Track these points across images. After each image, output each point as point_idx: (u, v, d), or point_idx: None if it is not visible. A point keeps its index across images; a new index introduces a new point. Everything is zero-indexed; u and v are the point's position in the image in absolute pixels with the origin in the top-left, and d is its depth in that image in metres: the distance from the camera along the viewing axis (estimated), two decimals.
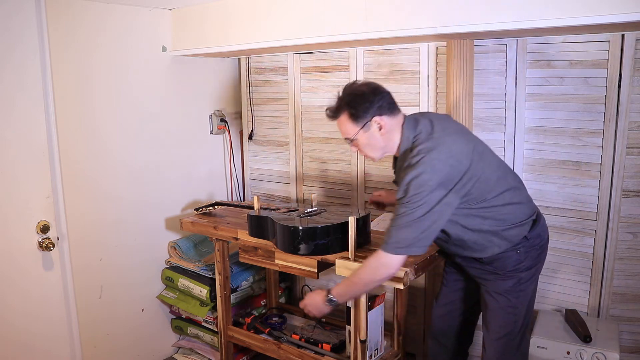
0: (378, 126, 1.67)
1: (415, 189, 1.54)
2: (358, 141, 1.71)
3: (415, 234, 1.57)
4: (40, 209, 2.03)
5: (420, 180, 1.54)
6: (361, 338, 1.99)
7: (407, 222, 1.56)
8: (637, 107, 1.99)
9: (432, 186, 1.54)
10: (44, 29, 2.02)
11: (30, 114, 1.99)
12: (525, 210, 1.74)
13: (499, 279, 1.75)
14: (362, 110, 1.66)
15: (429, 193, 1.54)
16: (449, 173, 1.56)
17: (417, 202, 1.54)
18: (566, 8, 1.67)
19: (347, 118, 1.69)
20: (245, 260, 2.32)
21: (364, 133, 1.68)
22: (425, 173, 1.54)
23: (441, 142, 1.60)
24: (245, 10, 2.41)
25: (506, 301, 1.75)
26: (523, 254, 1.72)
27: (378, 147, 1.72)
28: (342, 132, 1.74)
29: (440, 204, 1.56)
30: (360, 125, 1.67)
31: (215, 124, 3.00)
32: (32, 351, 2.08)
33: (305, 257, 2.04)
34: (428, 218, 1.56)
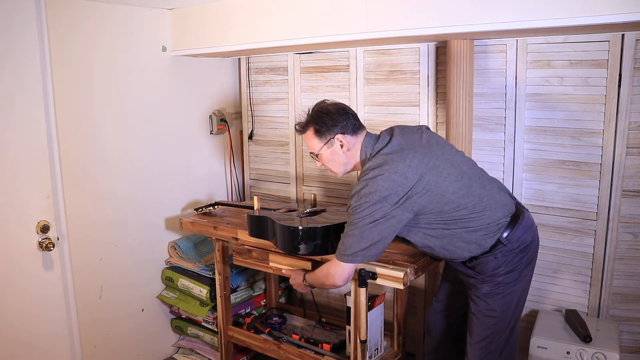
0: (340, 144, 1.79)
1: (357, 201, 1.65)
2: (322, 156, 1.83)
3: (361, 244, 1.66)
4: (40, 209, 2.03)
5: (362, 194, 1.64)
6: (361, 338, 1.99)
7: (352, 233, 1.66)
8: (637, 107, 1.99)
9: (374, 199, 1.62)
10: (44, 29, 2.02)
11: (30, 114, 1.99)
12: (494, 215, 1.72)
13: (478, 283, 1.77)
14: (326, 127, 1.78)
15: (370, 206, 1.62)
16: (391, 188, 1.62)
17: (359, 213, 1.64)
18: (566, 8, 1.67)
19: (312, 134, 1.81)
20: (238, 263, 2.32)
21: (327, 149, 1.81)
22: (366, 187, 1.64)
23: (389, 160, 1.67)
24: (245, 10, 2.41)
25: (485, 305, 1.76)
26: (501, 259, 1.72)
27: (340, 163, 1.83)
28: (308, 147, 1.86)
29: (385, 218, 1.63)
30: (324, 141, 1.80)
31: (215, 124, 3.00)
32: (32, 351, 2.08)
33: (299, 259, 2.05)
34: (373, 231, 1.64)
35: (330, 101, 1.86)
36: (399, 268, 1.77)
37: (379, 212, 1.62)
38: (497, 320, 1.76)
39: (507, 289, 1.75)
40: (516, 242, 1.73)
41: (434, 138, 1.80)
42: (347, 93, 2.66)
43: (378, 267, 1.80)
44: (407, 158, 1.66)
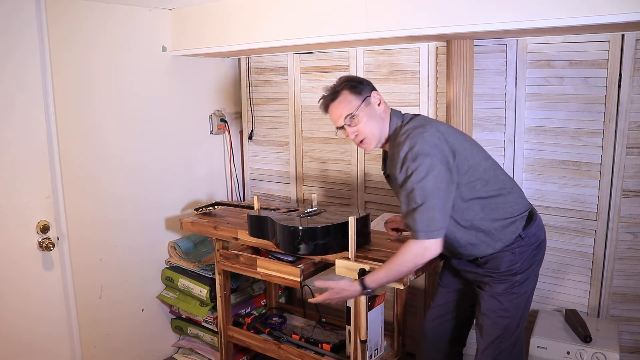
0: (377, 100, 1.71)
1: (413, 159, 1.55)
2: (359, 118, 1.68)
3: (437, 210, 1.54)
4: (40, 209, 2.03)
5: (415, 151, 1.55)
6: (361, 338, 1.99)
7: (426, 199, 1.53)
8: (637, 107, 1.99)
9: (428, 153, 1.54)
10: (44, 29, 2.02)
11: (30, 114, 1.99)
12: (517, 205, 1.73)
13: (493, 282, 1.75)
14: (361, 85, 1.71)
15: (428, 159, 1.53)
16: (439, 145, 1.56)
17: (419, 173, 1.53)
18: (566, 8, 1.67)
19: (348, 93, 1.70)
20: (227, 269, 2.33)
21: (365, 107, 1.68)
22: (417, 144, 1.56)
23: (427, 122, 1.65)
24: (245, 10, 2.41)
25: (498, 304, 1.74)
26: (518, 254, 1.71)
27: (377, 127, 1.70)
28: (342, 113, 1.70)
29: (443, 177, 1.54)
30: (362, 97, 1.69)
31: (215, 124, 3.00)
32: (32, 351, 2.08)
33: (287, 265, 2.05)
34: (439, 192, 1.54)
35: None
36: None
37: (436, 168, 1.53)
38: (510, 321, 1.75)
39: (521, 289, 1.74)
40: (532, 237, 1.73)
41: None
42: None
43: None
44: (442, 124, 1.66)
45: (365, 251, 1.96)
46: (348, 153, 2.73)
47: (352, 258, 1.87)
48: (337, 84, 1.74)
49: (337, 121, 1.73)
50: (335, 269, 1.90)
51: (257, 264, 2.14)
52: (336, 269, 1.90)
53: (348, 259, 1.87)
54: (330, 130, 2.76)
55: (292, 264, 2.06)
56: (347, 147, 2.72)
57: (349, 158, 2.73)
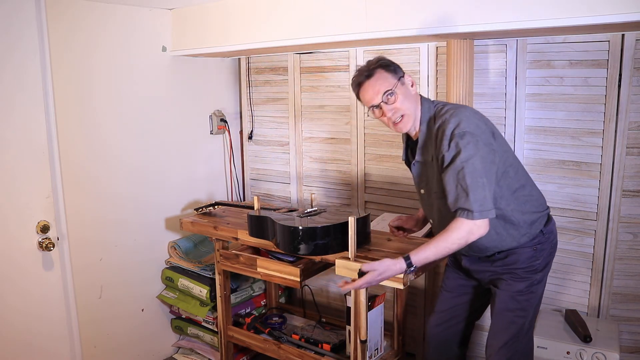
0: (410, 82, 1.71)
1: (461, 136, 1.53)
2: (397, 95, 1.65)
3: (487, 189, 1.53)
4: (40, 209, 2.03)
5: (462, 129, 1.54)
6: (361, 338, 1.99)
7: (477, 178, 1.52)
8: (637, 107, 1.99)
9: (474, 132, 1.54)
10: (44, 29, 2.02)
11: (30, 114, 1.98)
12: (541, 200, 1.76)
13: (512, 279, 1.72)
14: (394, 64, 1.70)
15: (475, 138, 1.53)
16: (481, 126, 1.58)
17: (469, 150, 1.52)
18: (566, 8, 1.67)
19: (383, 72, 1.67)
20: (227, 269, 2.33)
21: (401, 86, 1.67)
22: (463, 122, 1.55)
23: (463, 106, 1.66)
24: (246, 10, 2.41)
25: (517, 304, 1.72)
26: (539, 251, 1.71)
27: (413, 105, 1.69)
28: (379, 90, 1.65)
29: (489, 157, 1.55)
30: (397, 77, 1.67)
31: (215, 124, 3.00)
32: (32, 351, 2.08)
33: (287, 265, 2.05)
34: (487, 168, 1.54)
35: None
36: None
37: (482, 145, 1.54)
38: (525, 320, 1.74)
39: (539, 288, 1.74)
40: (551, 234, 1.75)
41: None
42: (347, 93, 2.66)
43: None
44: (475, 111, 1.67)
45: (365, 251, 1.96)
46: (348, 153, 2.73)
47: (352, 258, 1.87)
48: (371, 63, 1.70)
49: (373, 99, 1.67)
50: (336, 269, 1.90)
51: (257, 264, 2.14)
52: (336, 269, 1.90)
53: (348, 259, 1.87)
54: (330, 130, 2.76)
55: (292, 264, 2.06)
56: (347, 147, 2.72)
57: (349, 158, 2.73)
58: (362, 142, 2.66)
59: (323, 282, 2.91)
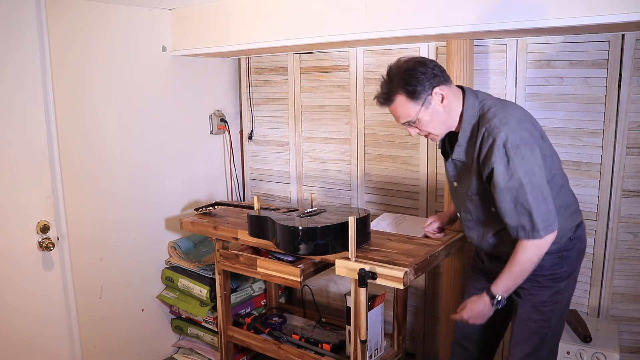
0: (440, 97, 1.55)
1: (515, 150, 1.43)
2: (420, 121, 1.57)
3: (549, 202, 1.47)
4: (40, 209, 2.03)
5: (517, 139, 1.44)
6: (361, 338, 1.99)
7: (542, 195, 1.45)
8: (637, 107, 1.99)
9: (528, 142, 1.45)
10: (44, 29, 2.02)
11: (30, 114, 1.99)
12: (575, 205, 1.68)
13: (535, 288, 1.63)
14: (419, 84, 1.52)
15: (529, 150, 1.45)
16: (533, 132, 1.50)
17: (525, 163, 1.44)
18: (566, 8, 1.67)
19: (404, 99, 1.54)
20: (227, 269, 2.32)
21: (425, 110, 1.55)
22: (516, 131, 1.45)
23: (510, 104, 1.57)
24: (246, 10, 2.41)
25: (540, 315, 1.64)
26: (564, 258, 1.63)
27: (441, 122, 1.58)
28: (399, 117, 1.59)
29: (542, 163, 1.48)
30: (421, 102, 1.53)
31: (215, 124, 3.00)
32: (32, 351, 2.08)
33: (287, 265, 2.05)
34: (545, 183, 1.47)
35: (404, 57, 1.60)
36: (399, 268, 1.77)
37: (536, 155, 1.45)
38: (549, 331, 1.66)
39: (564, 298, 1.66)
40: (578, 240, 1.66)
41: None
42: (347, 93, 2.66)
43: (378, 267, 1.80)
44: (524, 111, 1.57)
45: (365, 251, 1.96)
46: (348, 153, 2.73)
47: (352, 258, 1.87)
48: (392, 83, 1.56)
49: (396, 119, 1.62)
50: (335, 269, 1.90)
51: (257, 264, 2.14)
52: (336, 269, 1.90)
53: (348, 259, 1.87)
54: (330, 130, 2.76)
55: (292, 264, 2.06)
56: (347, 147, 2.72)
57: (349, 158, 2.73)
58: (362, 142, 2.66)
59: (323, 282, 2.91)
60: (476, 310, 1.63)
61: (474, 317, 1.64)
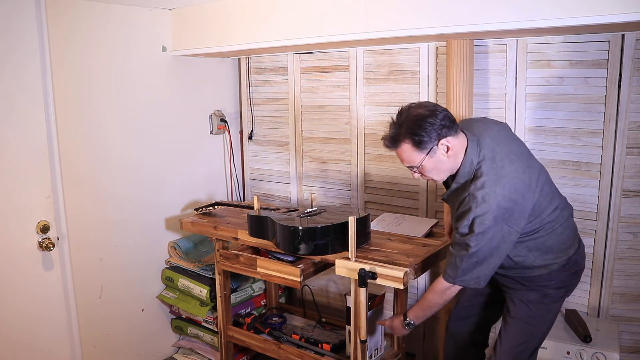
0: (445, 148, 1.58)
1: (480, 227, 1.52)
2: (424, 168, 1.62)
3: (482, 271, 1.58)
4: (40, 209, 2.03)
5: (485, 219, 1.51)
6: (361, 338, 1.99)
7: (474, 262, 1.56)
8: (637, 107, 1.99)
9: (497, 224, 1.52)
10: (44, 29, 2.02)
11: (30, 114, 1.99)
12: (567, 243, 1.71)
13: (525, 289, 1.73)
14: (426, 135, 1.55)
15: (493, 231, 1.52)
16: (512, 209, 1.53)
17: (482, 240, 1.53)
18: (566, 8, 1.67)
19: (410, 147, 1.58)
20: (227, 269, 2.33)
21: (429, 159, 1.58)
22: (490, 212, 1.51)
23: (505, 174, 1.55)
24: (245, 10, 2.41)
25: (527, 311, 1.72)
26: (555, 276, 1.70)
27: (444, 170, 1.63)
28: (403, 161, 1.64)
29: (503, 240, 1.55)
30: (426, 151, 1.57)
31: (215, 124, 3.00)
32: (32, 351, 2.08)
33: (287, 265, 2.05)
34: (494, 255, 1.56)
35: (415, 103, 1.63)
36: (399, 268, 1.78)
37: (499, 235, 1.53)
38: (535, 329, 1.73)
39: (552, 302, 1.72)
40: (574, 264, 1.72)
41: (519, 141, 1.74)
42: (347, 93, 2.66)
43: (378, 267, 1.80)
44: (522, 172, 1.57)
45: (365, 251, 1.96)
46: (348, 153, 2.73)
47: (352, 258, 1.87)
48: (400, 130, 1.59)
49: (401, 161, 1.67)
50: (335, 269, 1.90)
51: (257, 264, 2.14)
52: (336, 269, 1.90)
53: (348, 259, 1.87)
54: (330, 130, 2.76)
55: (292, 264, 2.06)
56: (347, 147, 2.72)
57: (349, 158, 2.73)
58: (362, 142, 2.66)
59: (323, 282, 2.91)
60: (392, 324, 1.91)
61: (391, 329, 1.93)
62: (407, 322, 1.83)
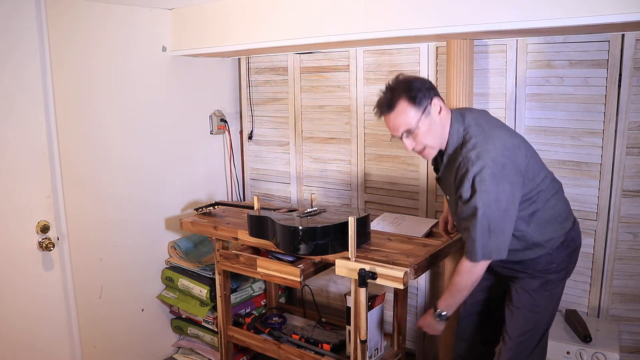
0: (438, 108, 1.62)
1: (481, 184, 1.51)
2: (419, 130, 1.61)
3: (499, 238, 1.56)
4: (40, 209, 2.03)
5: (484, 174, 1.51)
6: (361, 338, 1.99)
7: (487, 228, 1.54)
8: (637, 107, 1.99)
9: (498, 181, 1.52)
10: (44, 29, 2.02)
11: (30, 114, 1.99)
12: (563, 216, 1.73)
13: (527, 277, 1.74)
14: (420, 92, 1.59)
15: (496, 191, 1.52)
16: (507, 165, 1.54)
17: (487, 198, 1.52)
18: (566, 8, 1.67)
19: (406, 105, 1.59)
20: (227, 269, 2.32)
21: (425, 119, 1.60)
22: (487, 167, 1.51)
23: (494, 135, 1.58)
24: (245, 10, 2.41)
25: (530, 299, 1.73)
26: (555, 256, 1.71)
27: (438, 135, 1.63)
28: (399, 125, 1.62)
29: (509, 201, 1.55)
30: (422, 109, 1.59)
31: (215, 124, 3.00)
32: (32, 351, 2.08)
33: (287, 265, 2.05)
34: (505, 219, 1.55)
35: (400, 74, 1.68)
36: (399, 268, 1.77)
37: (505, 192, 1.53)
38: (539, 317, 1.75)
39: (554, 288, 1.74)
40: (571, 241, 1.74)
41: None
42: (347, 93, 2.66)
43: (378, 267, 1.80)
44: (508, 135, 1.61)
45: (365, 251, 1.96)
46: (348, 153, 2.73)
47: (352, 258, 1.87)
48: (394, 92, 1.61)
49: (393, 131, 1.66)
50: (335, 269, 1.90)
51: (257, 264, 2.14)
52: (336, 269, 1.90)
53: (348, 259, 1.87)
54: (330, 130, 2.76)
55: (292, 264, 2.06)
56: (347, 147, 2.72)
57: (349, 158, 2.73)
58: (362, 142, 2.66)
59: (323, 282, 2.91)
60: (425, 322, 1.82)
61: (426, 327, 1.83)
62: (438, 312, 1.75)
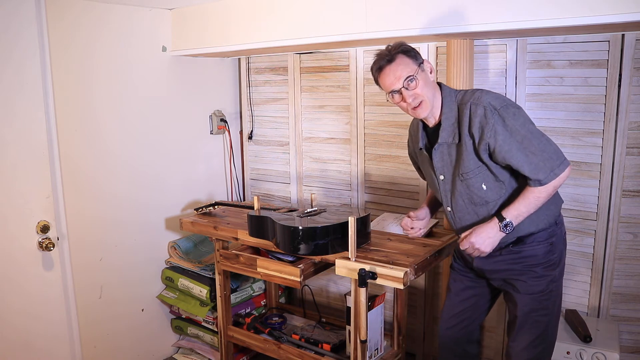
0: (429, 68, 1.72)
1: (506, 109, 1.58)
2: (418, 80, 1.65)
3: (553, 144, 1.62)
4: (40, 209, 2.03)
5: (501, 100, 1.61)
6: (361, 338, 1.99)
7: (538, 133, 1.60)
8: (637, 107, 1.99)
9: (511, 102, 1.62)
10: (44, 29, 2.02)
11: (30, 114, 1.99)
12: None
13: (533, 279, 1.69)
14: (415, 51, 1.70)
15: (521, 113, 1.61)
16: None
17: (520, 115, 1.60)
18: (566, 8, 1.67)
19: (404, 57, 1.67)
20: (227, 269, 2.33)
21: (421, 72, 1.68)
22: (498, 98, 1.62)
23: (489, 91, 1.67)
24: (246, 10, 2.41)
25: (539, 304, 1.71)
26: (554, 245, 1.70)
27: (432, 92, 1.69)
28: (400, 74, 1.65)
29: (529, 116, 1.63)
30: (418, 62, 1.68)
31: (215, 124, 3.00)
32: (32, 351, 2.08)
33: (287, 265, 2.05)
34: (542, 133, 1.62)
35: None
36: (399, 268, 1.77)
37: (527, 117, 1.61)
38: (550, 318, 1.74)
39: (558, 285, 1.75)
40: (562, 226, 1.76)
41: None
42: (347, 93, 2.66)
43: (378, 267, 1.80)
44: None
45: (365, 251, 1.96)
46: (348, 153, 2.73)
47: (352, 258, 1.87)
48: (392, 48, 1.69)
49: (394, 84, 1.66)
50: (336, 269, 1.90)
51: (257, 264, 2.14)
52: (336, 269, 1.90)
53: (348, 259, 1.87)
54: (330, 130, 2.76)
55: (292, 264, 2.06)
56: (347, 147, 2.72)
57: (349, 158, 2.73)
58: (362, 142, 2.66)
59: (323, 282, 2.91)
60: (483, 234, 1.64)
61: (480, 242, 1.65)
62: (505, 223, 1.61)
